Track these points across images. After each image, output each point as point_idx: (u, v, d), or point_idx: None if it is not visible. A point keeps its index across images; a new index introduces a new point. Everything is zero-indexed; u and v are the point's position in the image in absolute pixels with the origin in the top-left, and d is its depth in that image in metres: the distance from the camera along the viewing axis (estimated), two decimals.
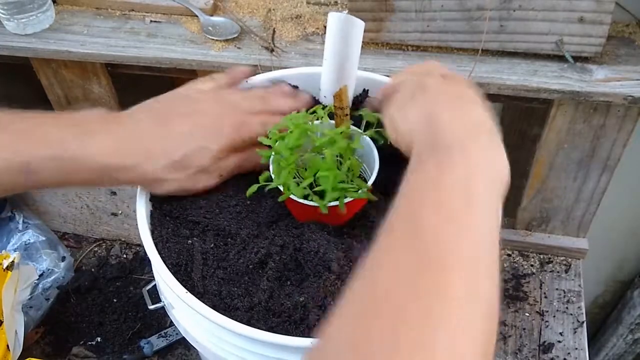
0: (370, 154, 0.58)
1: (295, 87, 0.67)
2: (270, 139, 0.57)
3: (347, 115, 0.56)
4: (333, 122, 0.59)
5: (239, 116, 0.60)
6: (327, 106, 0.60)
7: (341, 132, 0.55)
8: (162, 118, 0.58)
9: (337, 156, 0.54)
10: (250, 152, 0.59)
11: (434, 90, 0.48)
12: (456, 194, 0.39)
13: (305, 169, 0.54)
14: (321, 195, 0.53)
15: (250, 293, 0.53)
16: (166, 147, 0.56)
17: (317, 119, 0.58)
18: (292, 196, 0.53)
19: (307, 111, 0.58)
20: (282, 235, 0.56)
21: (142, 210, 0.57)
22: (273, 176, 0.55)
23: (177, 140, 0.57)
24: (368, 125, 0.58)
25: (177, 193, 0.58)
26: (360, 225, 0.57)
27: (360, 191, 0.53)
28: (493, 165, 0.43)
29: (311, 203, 0.52)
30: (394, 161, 0.61)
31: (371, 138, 0.57)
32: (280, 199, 0.55)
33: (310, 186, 0.53)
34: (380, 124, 0.57)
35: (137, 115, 0.59)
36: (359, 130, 0.59)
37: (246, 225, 0.57)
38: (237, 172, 0.61)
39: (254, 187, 0.56)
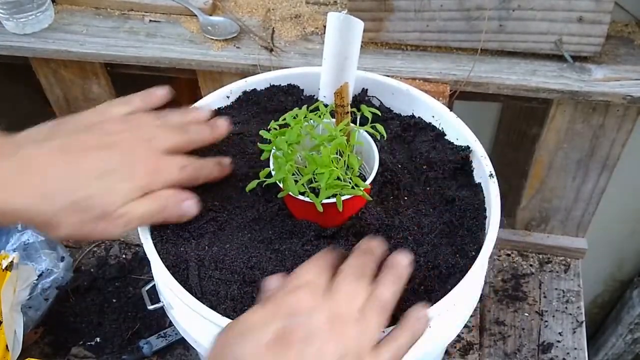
0: (370, 152, 0.58)
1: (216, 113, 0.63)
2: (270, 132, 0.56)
3: (347, 112, 0.56)
4: (334, 119, 0.59)
5: (154, 158, 0.52)
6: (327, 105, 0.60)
7: (341, 130, 0.55)
8: (64, 151, 0.50)
9: (337, 153, 0.54)
10: (163, 202, 0.52)
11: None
12: None
13: (306, 166, 0.54)
14: (319, 193, 0.53)
15: (249, 294, 0.53)
16: (65, 185, 0.48)
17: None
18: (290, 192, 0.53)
19: (308, 109, 0.58)
20: (281, 237, 0.56)
21: None
22: (273, 172, 0.55)
23: (80, 178, 0.49)
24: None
25: (72, 239, 0.53)
26: (353, 229, 0.57)
27: (355, 188, 0.53)
28: None
29: (307, 199, 0.52)
30: (394, 163, 0.61)
31: (371, 135, 0.57)
32: (279, 195, 0.55)
33: (309, 183, 0.53)
34: (375, 120, 0.57)
35: (34, 147, 0.50)
36: (359, 127, 0.59)
37: (246, 227, 0.57)
38: (146, 223, 0.54)
39: (253, 183, 0.56)
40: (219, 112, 0.67)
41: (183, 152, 0.55)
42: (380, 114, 0.62)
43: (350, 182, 0.53)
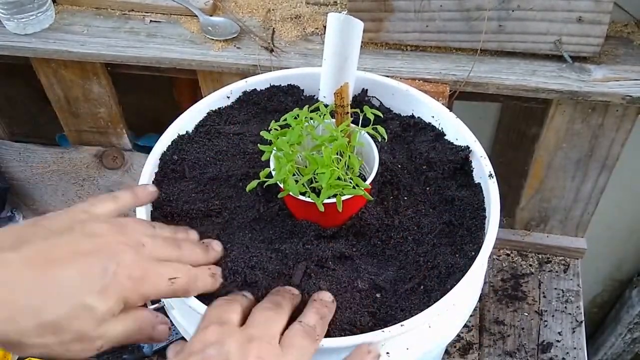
0: (370, 152, 0.58)
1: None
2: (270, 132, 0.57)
3: (347, 113, 0.56)
4: (334, 120, 0.59)
5: (142, 264, 0.45)
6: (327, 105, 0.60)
7: (341, 130, 0.55)
8: (39, 259, 0.43)
9: (337, 153, 0.54)
10: (140, 323, 0.46)
11: None
12: None
13: (306, 167, 0.55)
14: (320, 193, 0.53)
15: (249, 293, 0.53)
16: (39, 303, 0.41)
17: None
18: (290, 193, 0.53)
19: (308, 109, 0.58)
20: (282, 236, 0.56)
21: (142, 212, 0.57)
22: (274, 173, 0.55)
23: (54, 293, 0.42)
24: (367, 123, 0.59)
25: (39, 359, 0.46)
26: (354, 229, 0.57)
27: (356, 188, 0.53)
28: None
29: (308, 199, 0.53)
30: (393, 163, 0.62)
31: (371, 136, 0.57)
32: (279, 196, 0.55)
33: (310, 183, 0.53)
34: (375, 120, 0.57)
35: (5, 253, 0.43)
36: (360, 128, 0.59)
37: (246, 227, 0.58)
38: (119, 344, 0.46)
39: (254, 183, 0.56)
40: (219, 113, 0.67)
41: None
42: (380, 115, 0.62)
43: (350, 182, 0.53)
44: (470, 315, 0.60)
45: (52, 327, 0.41)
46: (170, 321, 0.55)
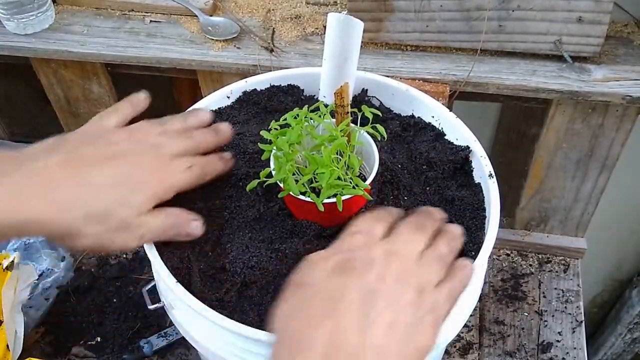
0: (370, 152, 0.58)
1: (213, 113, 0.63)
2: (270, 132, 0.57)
3: (347, 113, 0.56)
4: (334, 119, 0.59)
5: (162, 164, 0.53)
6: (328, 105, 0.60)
7: (341, 130, 0.55)
8: (73, 162, 0.50)
9: (337, 153, 0.54)
10: (173, 220, 0.53)
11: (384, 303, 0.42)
12: None
13: (306, 166, 0.55)
14: (320, 193, 0.53)
15: (250, 293, 0.53)
16: (83, 196, 0.48)
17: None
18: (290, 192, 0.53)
19: (308, 109, 0.58)
20: (282, 236, 0.56)
21: None
22: (274, 172, 0.55)
23: (96, 189, 0.49)
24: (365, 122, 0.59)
25: (90, 251, 0.52)
26: None
27: (356, 188, 0.53)
28: None
29: (308, 199, 0.53)
30: (393, 164, 0.61)
31: (371, 135, 0.57)
32: (280, 195, 0.55)
33: (310, 183, 0.53)
34: (375, 120, 0.57)
35: (41, 159, 0.49)
36: (359, 127, 0.59)
37: (246, 226, 0.58)
38: (159, 238, 0.53)
39: (254, 183, 0.56)
40: (219, 113, 0.67)
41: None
42: (380, 114, 0.62)
43: (350, 182, 0.53)
44: (470, 315, 0.60)
45: (99, 217, 0.48)
46: (171, 321, 0.55)
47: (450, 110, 0.64)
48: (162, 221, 0.52)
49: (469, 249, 0.56)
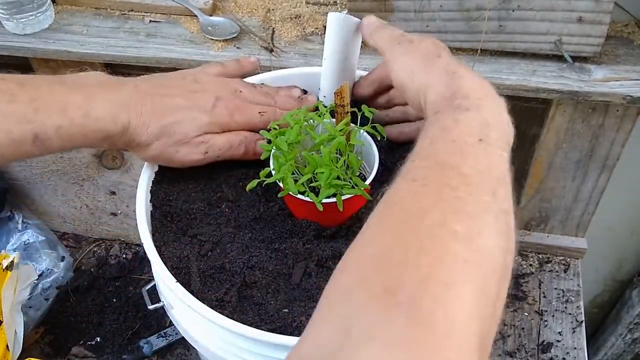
0: (370, 152, 0.58)
1: (305, 91, 0.67)
2: (270, 132, 0.57)
3: (347, 112, 0.56)
4: (334, 119, 0.59)
5: (236, 101, 0.60)
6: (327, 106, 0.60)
7: (341, 129, 0.55)
8: (162, 89, 0.59)
9: (336, 153, 0.54)
10: (242, 137, 0.60)
11: (448, 58, 0.49)
12: (473, 140, 0.41)
13: (306, 166, 0.55)
14: (319, 192, 0.53)
15: (250, 293, 0.53)
16: (157, 112, 0.57)
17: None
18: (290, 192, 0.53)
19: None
20: (281, 236, 0.56)
21: (141, 211, 0.57)
22: (273, 172, 0.55)
23: (169, 108, 0.57)
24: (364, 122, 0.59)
25: (157, 161, 0.59)
26: (353, 228, 0.57)
27: (355, 187, 0.53)
28: (503, 123, 0.45)
29: (307, 199, 0.53)
30: (392, 164, 0.61)
31: (371, 135, 0.57)
32: (279, 195, 0.55)
33: (310, 182, 0.53)
34: (376, 120, 0.57)
35: (139, 83, 0.59)
36: (359, 127, 0.59)
37: (246, 226, 0.57)
38: (225, 157, 0.60)
39: (253, 183, 0.56)
40: None
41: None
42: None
43: (350, 182, 0.53)
44: None
45: (166, 130, 0.57)
46: (170, 321, 0.55)
47: None
48: (227, 138, 0.59)
49: None
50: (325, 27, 0.63)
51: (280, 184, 0.54)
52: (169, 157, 0.58)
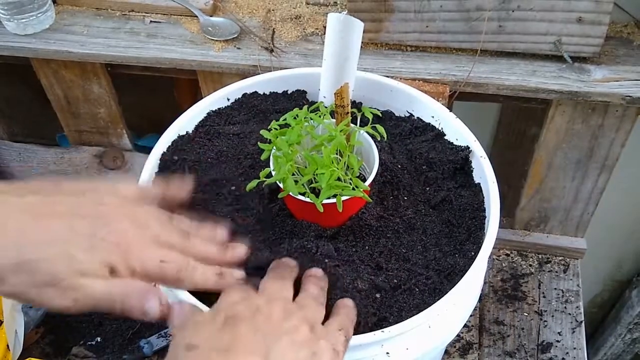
0: (370, 152, 0.58)
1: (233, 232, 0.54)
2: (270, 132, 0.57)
3: (347, 113, 0.56)
4: (334, 120, 0.59)
5: (136, 238, 0.46)
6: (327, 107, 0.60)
7: (341, 130, 0.55)
8: (43, 206, 0.45)
9: (337, 153, 0.54)
10: (128, 289, 0.45)
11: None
12: None
13: (306, 167, 0.55)
14: (320, 193, 0.53)
15: None
16: (21, 240, 0.43)
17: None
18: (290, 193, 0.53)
19: (308, 109, 0.58)
20: (282, 237, 0.56)
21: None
22: (273, 172, 0.55)
23: (39, 238, 0.44)
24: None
25: (15, 299, 0.49)
26: (353, 229, 0.57)
27: (355, 189, 0.53)
28: None
29: (307, 200, 0.53)
30: (393, 164, 0.62)
31: (371, 136, 0.58)
32: (279, 196, 0.55)
33: (310, 183, 0.53)
34: (375, 120, 0.57)
35: (12, 195, 0.46)
36: (359, 127, 0.59)
37: (245, 227, 0.58)
38: (103, 308, 0.45)
39: (254, 183, 0.56)
40: (218, 113, 0.67)
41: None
42: (380, 115, 0.62)
43: (350, 183, 0.53)
44: (470, 315, 0.60)
45: (29, 267, 0.43)
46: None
47: (450, 111, 0.64)
48: (107, 290, 0.44)
49: (469, 249, 0.56)
50: (325, 27, 0.64)
51: (281, 185, 0.54)
52: (29, 298, 0.44)
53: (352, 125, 0.58)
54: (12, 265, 0.43)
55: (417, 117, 0.66)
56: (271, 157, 0.56)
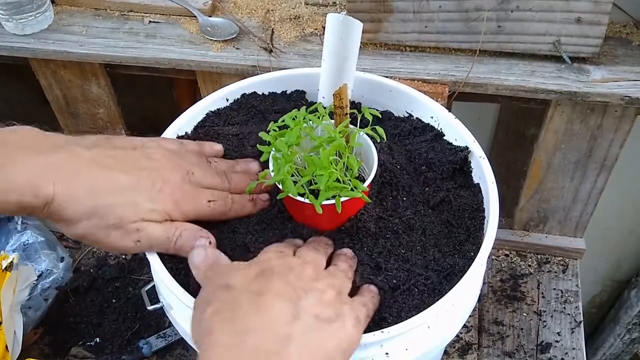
0: (369, 153, 0.58)
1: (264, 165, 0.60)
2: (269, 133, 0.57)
3: (346, 114, 0.56)
4: (333, 121, 0.59)
5: (184, 187, 0.54)
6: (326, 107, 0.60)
7: (340, 131, 0.55)
8: (105, 159, 0.52)
9: (336, 154, 0.54)
10: (181, 230, 0.53)
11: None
12: None
13: (305, 168, 0.55)
14: (318, 194, 0.53)
15: None
16: (93, 188, 0.50)
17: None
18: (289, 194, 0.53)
19: (307, 110, 0.58)
20: (281, 238, 0.56)
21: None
22: (272, 174, 0.55)
23: (108, 186, 0.51)
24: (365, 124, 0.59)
25: (83, 241, 0.53)
26: (352, 230, 0.57)
27: (354, 190, 0.53)
28: None
29: (306, 201, 0.53)
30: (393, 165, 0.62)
31: (370, 136, 0.57)
32: (278, 197, 0.55)
33: (309, 185, 0.53)
34: (374, 121, 0.57)
35: (79, 148, 0.52)
36: (359, 128, 0.59)
37: (245, 228, 0.58)
38: (159, 249, 0.54)
39: (253, 184, 0.56)
40: (217, 114, 0.67)
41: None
42: (379, 116, 0.62)
43: (349, 184, 0.53)
44: (470, 316, 0.60)
45: (102, 211, 0.50)
46: (170, 322, 0.55)
47: (449, 111, 0.64)
48: (163, 232, 0.53)
49: (468, 250, 0.56)
50: (324, 27, 0.63)
51: (280, 186, 0.54)
52: (97, 239, 0.51)
53: (351, 126, 0.58)
54: (87, 209, 0.49)
55: (416, 118, 0.66)
56: (270, 158, 0.56)
